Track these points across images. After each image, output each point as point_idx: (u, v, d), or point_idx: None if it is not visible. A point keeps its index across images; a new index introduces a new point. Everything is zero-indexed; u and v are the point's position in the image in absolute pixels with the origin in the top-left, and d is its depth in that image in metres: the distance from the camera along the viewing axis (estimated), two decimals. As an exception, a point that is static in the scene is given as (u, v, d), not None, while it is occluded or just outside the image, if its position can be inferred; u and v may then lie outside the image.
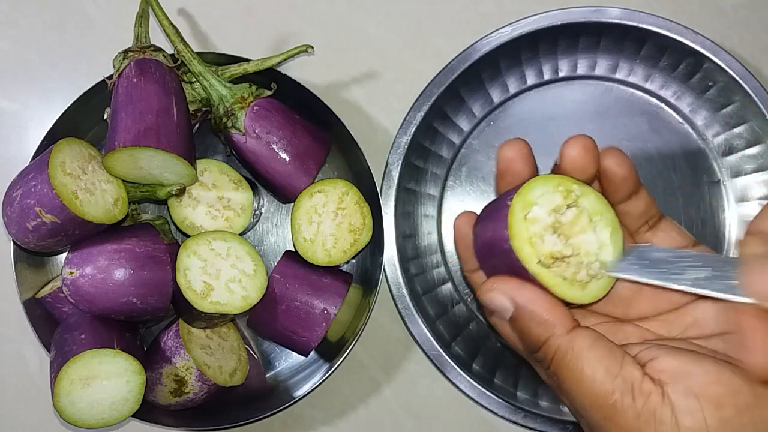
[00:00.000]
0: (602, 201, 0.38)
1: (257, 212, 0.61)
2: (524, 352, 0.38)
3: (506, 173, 0.41)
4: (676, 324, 0.39)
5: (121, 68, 0.53)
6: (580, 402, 0.35)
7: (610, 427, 0.34)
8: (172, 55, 0.55)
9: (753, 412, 0.34)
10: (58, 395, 0.49)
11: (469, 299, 0.62)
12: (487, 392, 0.57)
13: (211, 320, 0.54)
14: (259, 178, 0.57)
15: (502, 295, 0.37)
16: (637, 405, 0.34)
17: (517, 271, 0.37)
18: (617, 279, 0.38)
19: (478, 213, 0.42)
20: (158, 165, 0.51)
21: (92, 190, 0.50)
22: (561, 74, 0.62)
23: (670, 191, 0.60)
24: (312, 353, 0.58)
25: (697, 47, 0.57)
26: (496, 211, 0.39)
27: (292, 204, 0.56)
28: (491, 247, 0.38)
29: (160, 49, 0.54)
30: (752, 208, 0.60)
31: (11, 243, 0.55)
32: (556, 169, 0.39)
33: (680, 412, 0.33)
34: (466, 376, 0.57)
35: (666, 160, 0.61)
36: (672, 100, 0.61)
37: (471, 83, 0.60)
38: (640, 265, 0.38)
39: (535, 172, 0.40)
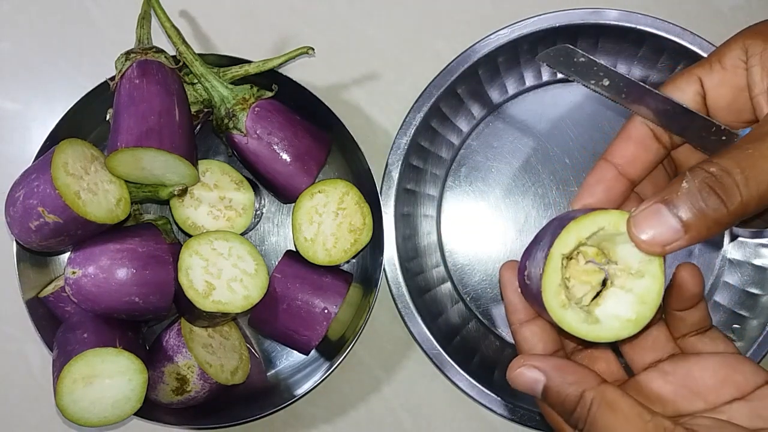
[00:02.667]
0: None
1: (258, 212, 0.61)
2: (560, 421, 0.39)
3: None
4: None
5: (124, 69, 0.53)
6: None
7: None
8: (173, 57, 0.55)
9: None
10: (60, 394, 0.49)
11: (468, 298, 0.62)
12: (486, 391, 0.58)
13: (212, 319, 0.54)
14: (261, 179, 0.57)
15: (530, 368, 0.38)
16: None
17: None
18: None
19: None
20: (160, 165, 0.51)
21: (95, 190, 0.51)
22: (559, 75, 0.62)
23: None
24: (312, 352, 0.59)
25: (695, 48, 0.57)
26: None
27: (293, 204, 0.56)
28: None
29: (162, 51, 0.54)
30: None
31: (14, 243, 0.55)
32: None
33: None
34: (465, 375, 0.58)
35: (664, 161, 0.61)
36: (670, 101, 0.61)
37: (470, 84, 0.60)
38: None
39: None
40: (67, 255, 0.58)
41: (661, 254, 0.36)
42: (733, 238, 0.61)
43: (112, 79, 0.54)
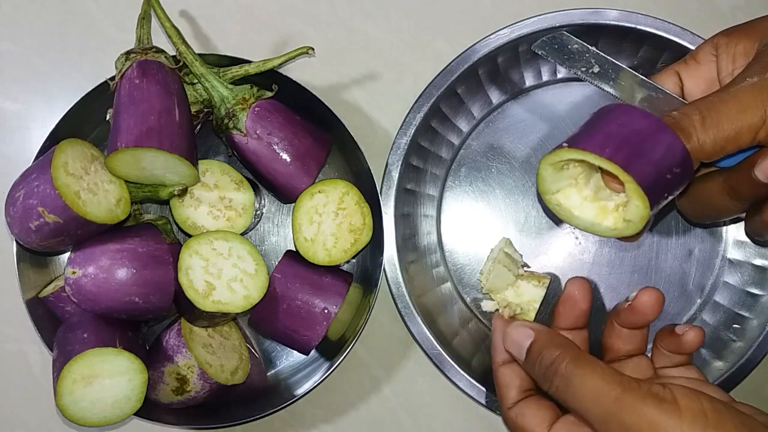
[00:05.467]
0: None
1: (258, 212, 0.61)
2: (507, 383, 0.46)
3: (567, 301, 0.49)
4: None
5: (124, 69, 0.53)
6: (582, 404, 0.40)
7: (613, 424, 0.39)
8: (174, 57, 0.55)
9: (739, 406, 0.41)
10: (60, 394, 0.49)
11: (468, 298, 0.62)
12: (486, 390, 0.58)
13: (212, 319, 0.54)
14: (261, 179, 0.57)
15: (524, 327, 0.45)
16: (641, 389, 0.39)
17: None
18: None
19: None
20: (160, 165, 0.51)
21: (95, 190, 0.51)
22: (559, 75, 0.62)
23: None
24: (313, 352, 0.59)
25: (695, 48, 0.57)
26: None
27: (293, 204, 0.56)
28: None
29: (162, 51, 0.54)
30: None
31: (14, 243, 0.55)
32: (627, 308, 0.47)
33: (681, 397, 0.38)
34: (465, 375, 0.58)
35: (664, 161, 0.61)
36: (670, 101, 0.61)
37: (470, 84, 0.60)
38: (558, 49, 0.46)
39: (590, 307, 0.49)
40: (67, 255, 0.58)
41: None
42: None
43: (112, 79, 0.54)
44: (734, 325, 0.59)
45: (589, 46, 0.42)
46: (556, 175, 0.44)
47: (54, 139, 0.54)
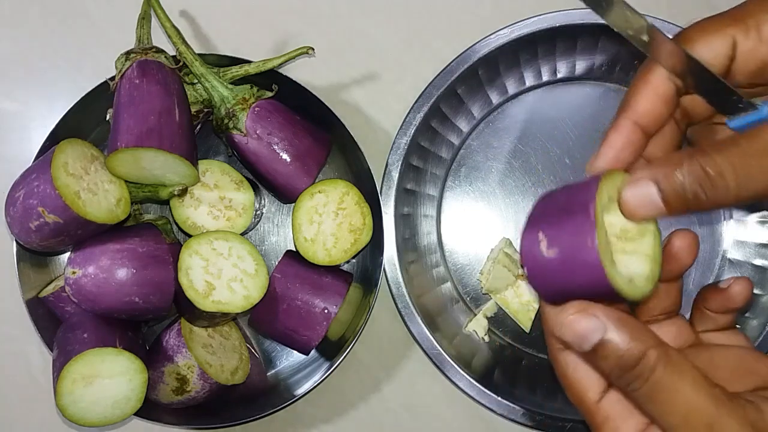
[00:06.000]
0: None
1: (258, 212, 0.61)
2: (615, 375, 0.36)
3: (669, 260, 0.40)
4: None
5: (124, 69, 0.53)
6: (668, 418, 0.35)
7: None
8: (174, 57, 0.55)
9: None
10: (60, 394, 0.49)
11: (468, 298, 0.62)
12: (486, 390, 0.58)
13: (212, 319, 0.54)
14: (261, 179, 0.57)
15: (590, 317, 0.35)
16: (737, 410, 0.34)
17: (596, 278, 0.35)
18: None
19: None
20: (160, 165, 0.51)
21: (95, 190, 0.51)
22: (559, 75, 0.62)
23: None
24: (313, 352, 0.59)
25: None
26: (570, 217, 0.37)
27: (293, 204, 0.56)
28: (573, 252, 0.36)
29: (162, 51, 0.54)
30: (749, 207, 0.60)
31: (14, 243, 0.55)
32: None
33: None
34: (465, 375, 0.58)
35: (664, 161, 0.61)
36: (669, 101, 0.61)
37: (470, 84, 0.60)
38: None
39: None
40: (67, 255, 0.58)
41: (638, 221, 0.37)
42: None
43: (112, 79, 0.54)
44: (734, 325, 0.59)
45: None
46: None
47: (54, 139, 0.54)
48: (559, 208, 0.37)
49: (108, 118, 0.55)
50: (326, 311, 0.55)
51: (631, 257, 0.38)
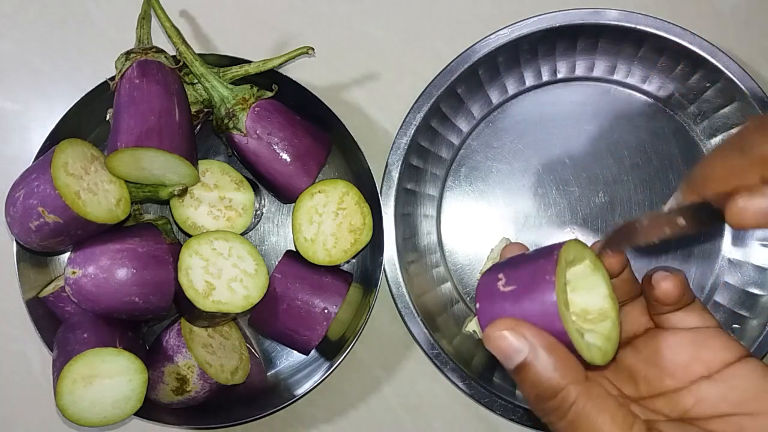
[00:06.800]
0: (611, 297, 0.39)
1: (258, 212, 0.61)
2: (533, 401, 0.36)
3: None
4: (680, 404, 0.38)
5: (124, 69, 0.53)
6: None
7: None
8: (173, 57, 0.55)
9: None
10: (60, 394, 0.49)
11: (468, 298, 0.62)
12: (486, 390, 0.58)
13: (212, 319, 0.54)
14: (261, 179, 0.57)
15: (518, 336, 0.34)
16: None
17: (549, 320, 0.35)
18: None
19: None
20: (160, 166, 0.51)
21: (95, 190, 0.51)
22: (559, 75, 0.62)
23: (667, 191, 0.61)
24: (313, 352, 0.59)
25: (695, 49, 0.57)
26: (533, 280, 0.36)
27: (293, 204, 0.56)
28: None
29: (162, 51, 0.54)
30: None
31: (14, 243, 0.55)
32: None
33: None
34: (465, 375, 0.58)
35: (663, 161, 0.61)
36: (670, 101, 0.61)
37: (470, 84, 0.60)
38: None
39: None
40: (67, 255, 0.58)
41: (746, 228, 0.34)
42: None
43: (112, 79, 0.54)
44: (734, 325, 0.59)
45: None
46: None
47: (54, 139, 0.54)
48: (523, 258, 0.37)
49: (108, 118, 0.55)
50: (326, 311, 0.55)
51: (588, 333, 0.38)
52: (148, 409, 0.54)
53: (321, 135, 0.57)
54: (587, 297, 0.38)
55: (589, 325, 0.38)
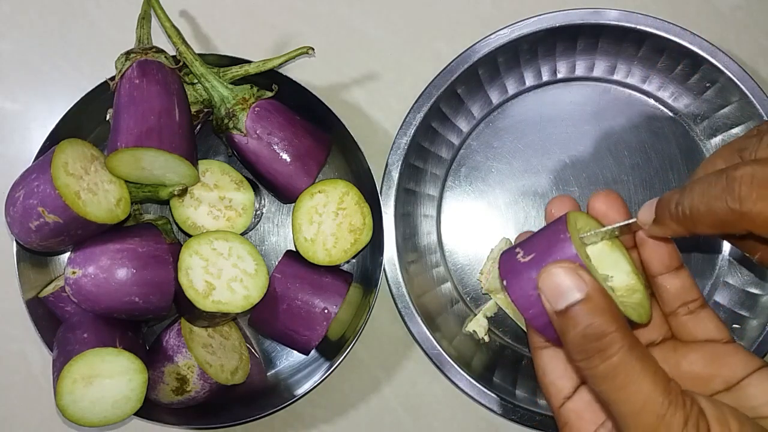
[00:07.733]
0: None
1: (258, 212, 0.61)
2: (578, 341, 0.35)
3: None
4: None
5: (124, 69, 0.53)
6: (621, 406, 0.34)
7: None
8: (173, 57, 0.55)
9: None
10: (60, 394, 0.49)
11: (468, 298, 0.62)
12: (487, 391, 0.58)
13: (212, 319, 0.54)
14: (261, 179, 0.57)
15: (575, 276, 0.34)
16: (690, 412, 0.33)
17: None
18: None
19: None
20: (160, 166, 0.51)
21: (95, 190, 0.51)
22: (559, 75, 0.62)
23: (667, 191, 0.61)
24: (313, 352, 0.59)
25: (695, 48, 0.57)
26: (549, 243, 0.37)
27: (293, 204, 0.56)
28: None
29: (162, 51, 0.54)
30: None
31: (14, 243, 0.55)
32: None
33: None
34: (465, 375, 0.58)
35: (663, 161, 0.61)
36: (670, 101, 0.61)
37: (470, 84, 0.60)
38: None
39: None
40: (67, 255, 0.58)
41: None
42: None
43: (112, 79, 0.54)
44: (734, 325, 0.59)
45: None
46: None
47: (54, 139, 0.54)
48: (534, 234, 0.39)
49: (108, 118, 0.55)
50: (326, 311, 0.55)
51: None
52: (148, 409, 0.54)
53: (321, 135, 0.57)
54: (613, 276, 0.39)
55: (619, 300, 0.38)
